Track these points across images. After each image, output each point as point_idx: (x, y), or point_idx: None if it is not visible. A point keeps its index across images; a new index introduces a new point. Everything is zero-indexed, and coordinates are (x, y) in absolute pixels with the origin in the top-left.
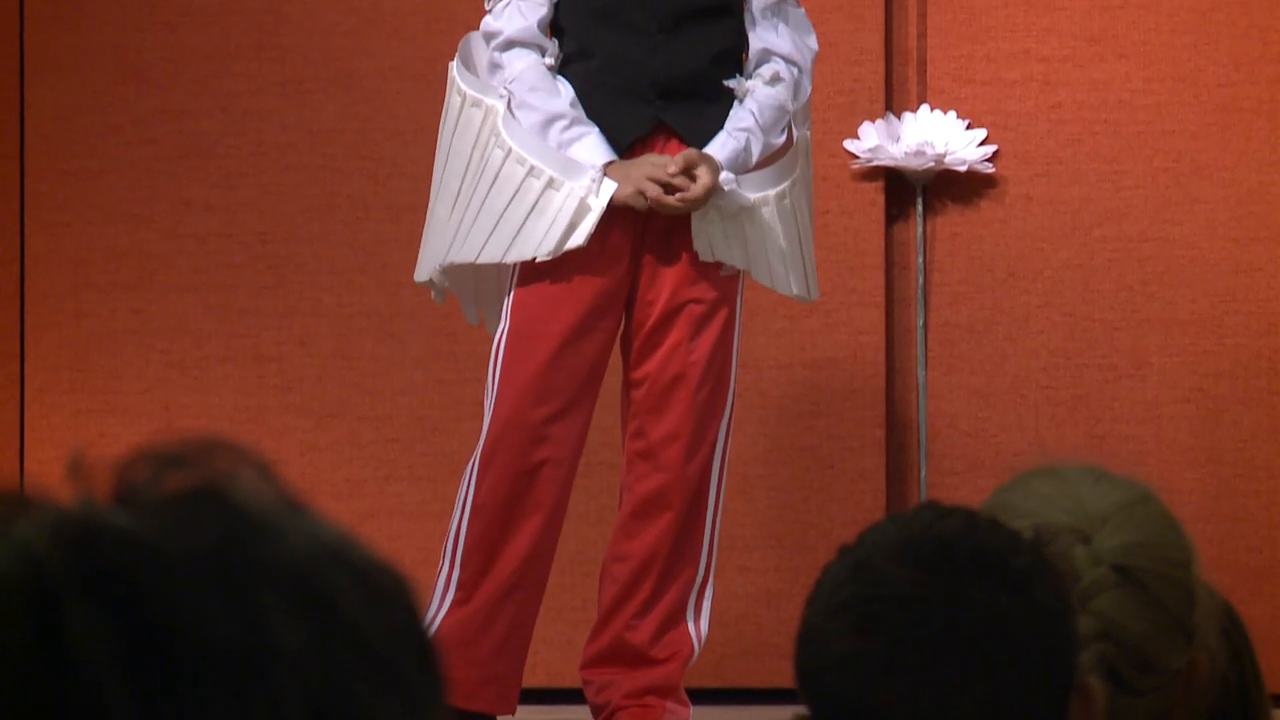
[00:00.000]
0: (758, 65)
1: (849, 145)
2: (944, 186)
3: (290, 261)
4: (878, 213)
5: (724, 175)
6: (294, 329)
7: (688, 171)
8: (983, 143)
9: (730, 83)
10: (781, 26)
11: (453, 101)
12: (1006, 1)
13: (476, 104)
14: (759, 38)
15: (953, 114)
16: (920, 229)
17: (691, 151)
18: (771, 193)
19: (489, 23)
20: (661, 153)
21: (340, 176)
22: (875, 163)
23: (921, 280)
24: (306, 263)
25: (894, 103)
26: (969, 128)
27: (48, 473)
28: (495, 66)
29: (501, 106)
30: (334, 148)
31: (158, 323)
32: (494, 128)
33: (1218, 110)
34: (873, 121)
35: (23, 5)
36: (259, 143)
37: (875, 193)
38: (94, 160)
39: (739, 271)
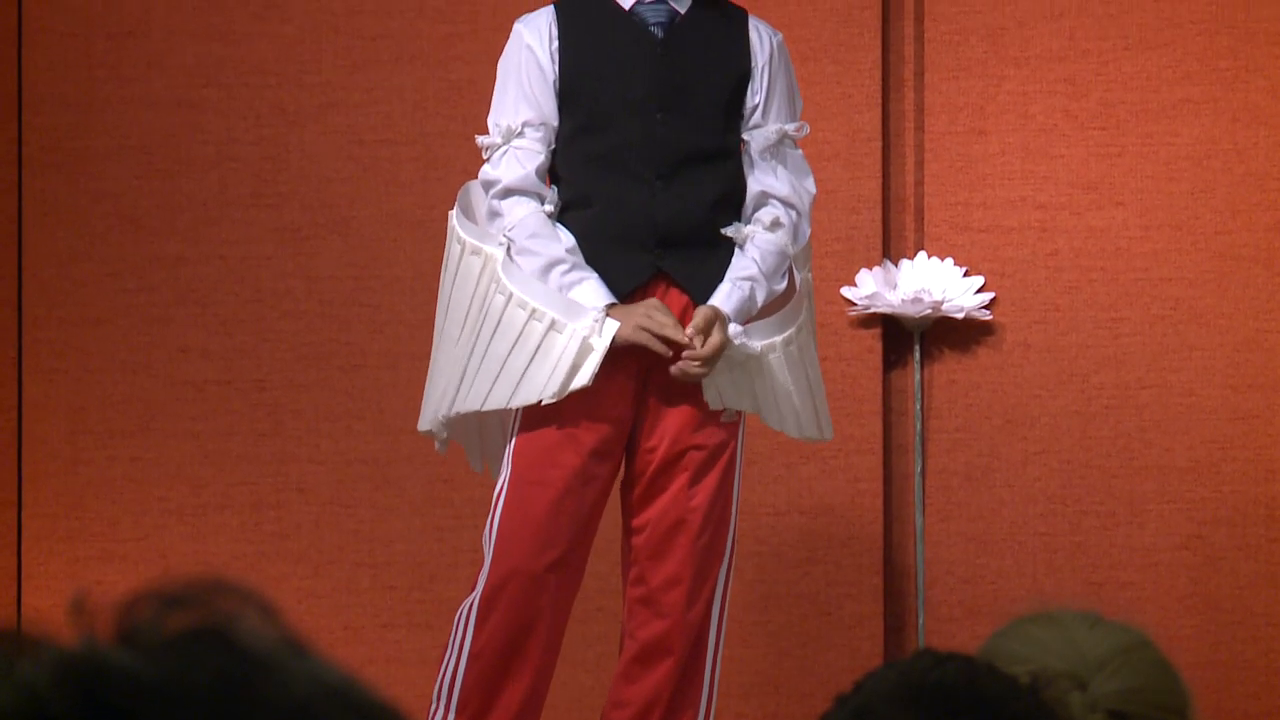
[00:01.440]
0: (756, 209)
1: (846, 292)
2: (941, 333)
3: (288, 408)
4: (875, 359)
5: (732, 327)
6: (291, 476)
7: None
8: (980, 290)
9: (729, 230)
10: (780, 169)
11: (452, 250)
12: (1003, 149)
13: (476, 252)
14: (757, 180)
15: (950, 261)
16: (918, 376)
17: (702, 314)
18: (778, 339)
19: (487, 171)
20: (662, 299)
21: (338, 323)
22: (872, 309)
23: (919, 427)
24: (304, 410)
25: (891, 250)
26: (966, 275)
27: (45, 620)
28: (494, 214)
29: (501, 254)
30: (332, 294)
31: (155, 470)
32: (494, 274)
33: (1215, 258)
34: (870, 268)
35: (20, 153)
36: (256, 289)
37: (873, 339)
38: (91, 308)
39: (740, 416)
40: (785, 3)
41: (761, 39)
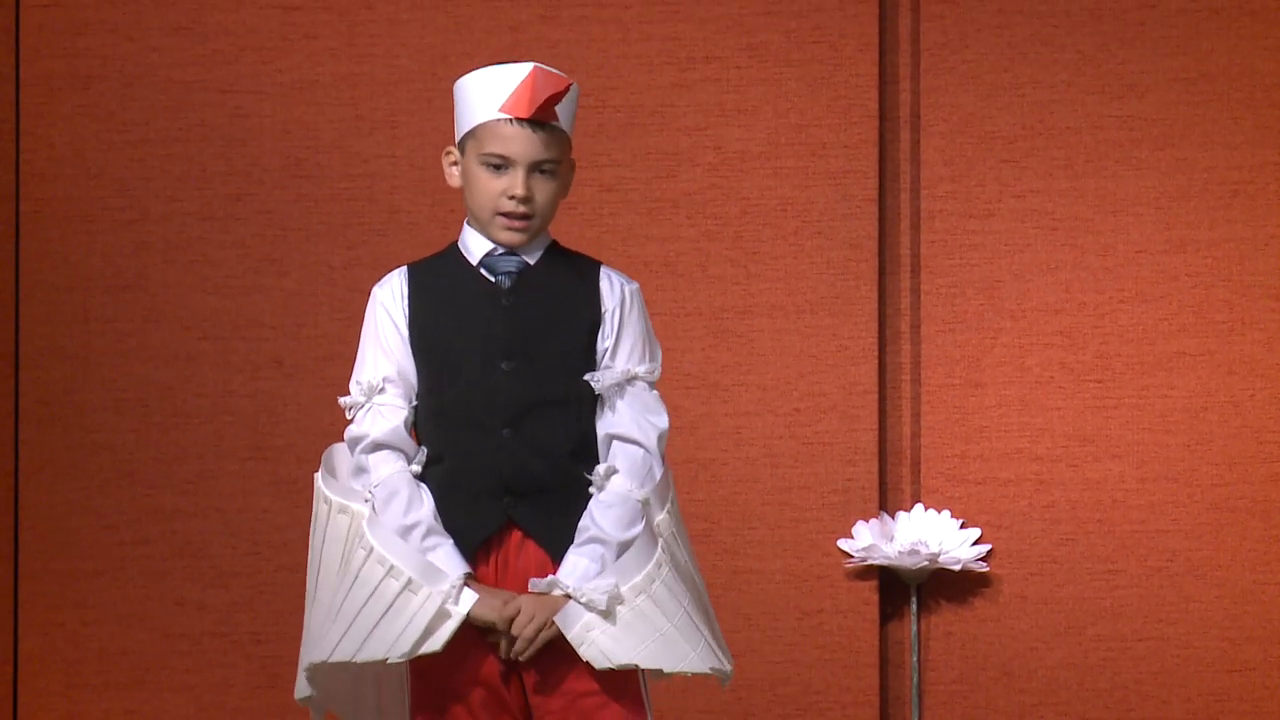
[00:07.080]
0: (604, 454)
1: (843, 544)
2: (938, 585)
3: (284, 661)
4: (872, 612)
5: (586, 591)
6: None
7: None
8: (977, 542)
9: (585, 475)
10: (619, 403)
11: (319, 510)
12: (1000, 402)
13: (344, 510)
14: (600, 424)
15: (946, 513)
16: (914, 628)
17: (526, 612)
18: (633, 584)
19: (352, 430)
20: (518, 553)
21: None
22: (869, 562)
23: (916, 679)
24: None
25: (888, 502)
26: (963, 527)
27: None
28: (361, 469)
29: (366, 510)
30: None
31: None
32: (359, 530)
33: (1211, 510)
34: (866, 521)
35: (17, 406)
36: (253, 542)
37: (869, 592)
38: (88, 561)
39: None
40: (782, 257)
41: (612, 286)
